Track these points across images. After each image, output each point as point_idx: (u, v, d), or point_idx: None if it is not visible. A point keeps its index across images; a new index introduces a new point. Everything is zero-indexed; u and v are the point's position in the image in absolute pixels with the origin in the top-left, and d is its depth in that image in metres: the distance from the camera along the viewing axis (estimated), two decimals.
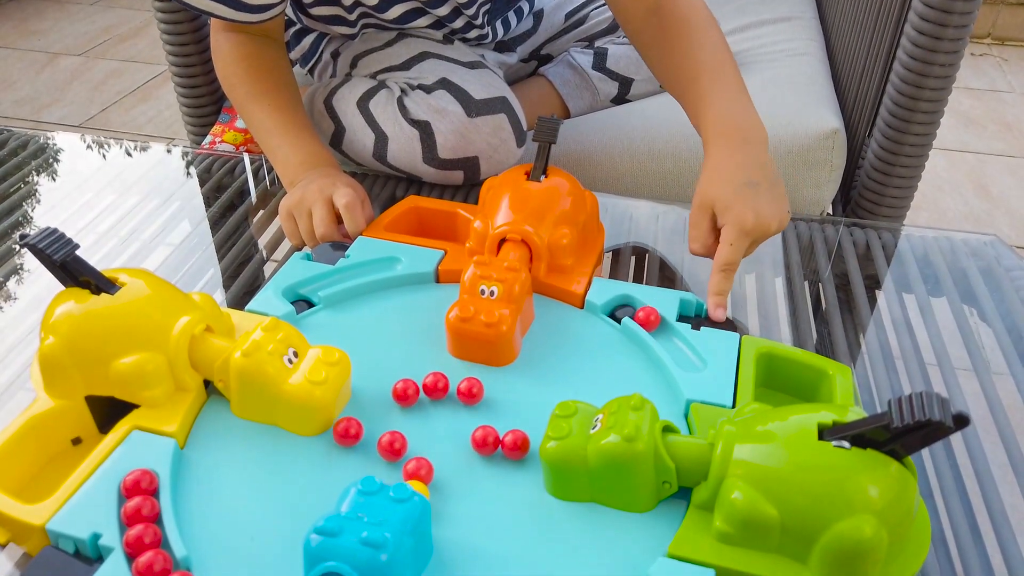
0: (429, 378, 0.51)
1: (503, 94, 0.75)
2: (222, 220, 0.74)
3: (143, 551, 0.40)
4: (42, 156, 0.84)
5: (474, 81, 0.75)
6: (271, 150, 0.73)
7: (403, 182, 0.79)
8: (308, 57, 0.89)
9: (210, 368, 0.49)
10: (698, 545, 0.41)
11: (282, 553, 0.42)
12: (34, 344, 0.59)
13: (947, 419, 0.37)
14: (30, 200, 0.77)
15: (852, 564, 0.39)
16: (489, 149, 0.74)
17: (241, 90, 0.75)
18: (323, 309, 0.59)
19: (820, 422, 0.41)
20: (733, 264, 0.58)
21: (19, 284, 0.66)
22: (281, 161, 0.72)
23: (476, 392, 0.51)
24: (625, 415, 0.44)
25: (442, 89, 0.74)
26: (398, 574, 0.38)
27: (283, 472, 0.46)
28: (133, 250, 0.69)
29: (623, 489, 0.44)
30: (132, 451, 0.45)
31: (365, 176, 0.81)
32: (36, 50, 2.38)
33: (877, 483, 0.39)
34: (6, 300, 0.64)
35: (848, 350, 0.60)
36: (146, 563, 0.39)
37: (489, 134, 0.74)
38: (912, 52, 0.75)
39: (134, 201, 0.76)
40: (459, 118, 0.73)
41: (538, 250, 0.59)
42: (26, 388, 0.55)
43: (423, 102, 0.74)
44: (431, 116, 0.74)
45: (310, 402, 0.47)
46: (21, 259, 0.69)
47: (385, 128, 0.76)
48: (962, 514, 0.48)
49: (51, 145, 0.86)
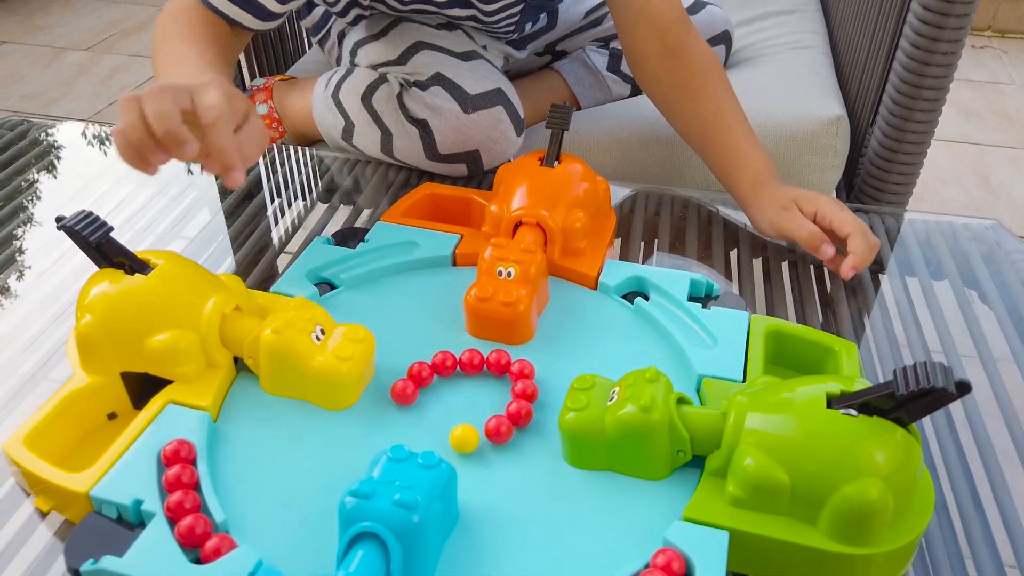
0: (465, 354, 0.53)
1: (498, 85, 0.76)
2: (239, 209, 0.76)
3: (184, 515, 0.42)
4: (63, 146, 0.86)
5: (468, 75, 0.76)
6: (163, 61, 0.64)
7: (415, 171, 0.81)
8: (318, 28, 0.90)
9: (240, 345, 0.51)
10: (712, 509, 0.43)
11: (315, 517, 0.44)
12: (68, 323, 0.61)
13: (950, 386, 0.39)
14: (54, 188, 0.79)
15: (859, 525, 0.41)
16: (489, 141, 0.76)
17: (175, 34, 0.67)
18: (345, 291, 0.60)
19: (828, 392, 0.43)
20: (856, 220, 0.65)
21: (53, 266, 0.68)
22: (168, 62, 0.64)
23: (505, 364, 0.53)
24: (641, 387, 0.46)
25: (437, 86, 0.75)
26: (428, 535, 0.40)
27: (312, 444, 0.48)
28: (151, 240, 0.71)
29: (639, 458, 0.46)
30: (168, 423, 0.47)
31: (379, 165, 0.82)
32: (42, 45, 2.40)
33: (883, 448, 0.41)
34: (40, 281, 0.66)
35: (853, 331, 0.62)
36: (187, 526, 0.41)
37: (487, 127, 0.75)
38: (915, 41, 0.77)
39: (152, 191, 0.78)
40: (455, 115, 0.74)
41: (552, 233, 0.61)
42: (61, 366, 0.57)
43: (420, 100, 0.75)
44: (428, 114, 0.75)
45: (337, 377, 0.49)
46: (52, 242, 0.71)
47: (389, 125, 0.78)
48: (964, 483, 0.50)
49: (71, 136, 0.88)
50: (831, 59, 1.01)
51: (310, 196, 0.78)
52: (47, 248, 0.70)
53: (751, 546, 0.42)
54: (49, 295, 0.64)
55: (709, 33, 0.94)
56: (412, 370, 0.52)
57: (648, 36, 0.74)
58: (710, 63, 0.74)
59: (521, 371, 0.52)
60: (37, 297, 0.64)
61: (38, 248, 0.70)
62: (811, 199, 0.67)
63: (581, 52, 0.92)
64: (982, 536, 0.47)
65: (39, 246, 0.70)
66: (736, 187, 0.71)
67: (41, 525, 0.46)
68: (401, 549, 0.39)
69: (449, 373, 0.53)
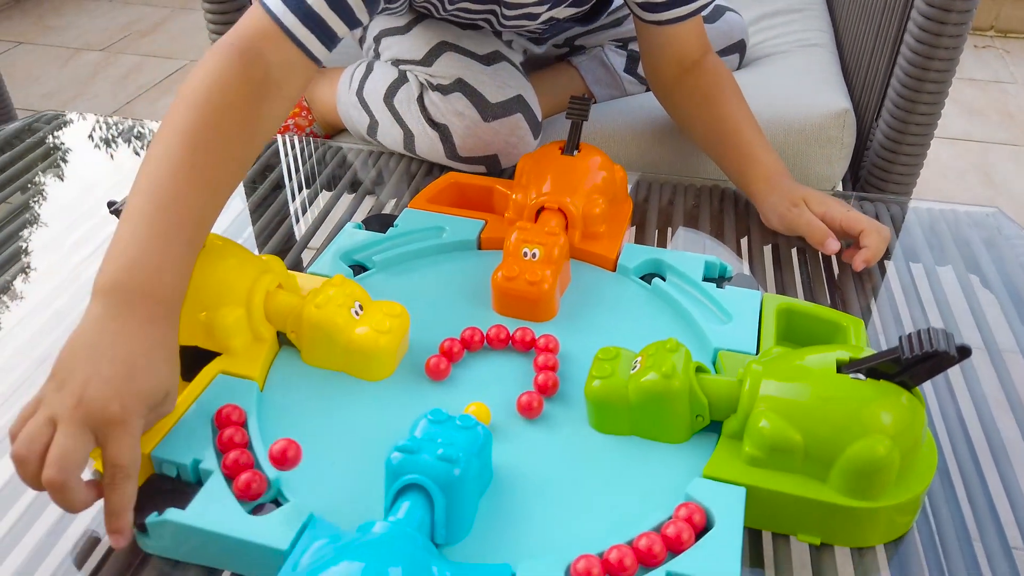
0: (492, 330, 0.57)
1: (518, 92, 0.78)
2: (267, 200, 0.79)
3: (241, 472, 0.45)
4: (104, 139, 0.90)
5: (489, 82, 0.78)
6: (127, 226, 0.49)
7: (437, 164, 0.84)
8: None
9: (283, 320, 0.54)
10: (730, 467, 0.46)
11: (359, 476, 0.47)
12: None
13: (951, 350, 0.42)
14: (96, 177, 0.82)
15: (867, 479, 0.44)
16: (507, 147, 0.78)
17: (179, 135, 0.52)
18: (376, 272, 0.64)
19: (838, 358, 0.46)
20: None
21: (99, 249, 0.71)
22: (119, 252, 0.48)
23: (530, 340, 0.56)
24: (662, 356, 0.49)
25: (458, 92, 0.77)
26: (467, 489, 0.43)
27: (352, 410, 0.52)
28: None
29: (661, 422, 0.49)
30: (220, 391, 0.51)
31: (402, 158, 0.85)
32: (57, 45, 2.44)
33: (890, 409, 0.44)
34: (89, 263, 0.69)
35: (860, 313, 0.65)
36: (245, 482, 0.44)
37: (506, 134, 0.78)
38: (919, 36, 0.80)
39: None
40: (475, 122, 0.77)
41: (573, 218, 0.64)
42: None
43: (441, 104, 0.78)
44: (449, 119, 0.78)
45: (376, 349, 0.52)
46: (96, 227, 0.74)
47: (410, 126, 0.81)
48: (965, 448, 0.53)
49: (107, 129, 0.91)
50: (837, 56, 1.04)
51: (336, 187, 0.81)
52: (94, 231, 0.74)
53: (766, 502, 0.45)
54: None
55: (726, 42, 0.97)
56: (443, 346, 0.55)
57: (670, 62, 0.79)
58: (724, 76, 0.78)
59: (546, 345, 0.55)
60: (87, 275, 0.68)
61: (87, 237, 0.74)
62: (821, 200, 0.70)
63: (600, 51, 0.94)
64: (983, 498, 0.50)
65: (87, 229, 0.74)
66: (749, 185, 0.75)
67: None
68: (444, 499, 0.42)
69: (477, 348, 0.57)
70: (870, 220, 0.69)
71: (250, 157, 0.57)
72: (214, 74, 0.55)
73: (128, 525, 0.42)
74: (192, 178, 0.51)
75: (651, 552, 0.42)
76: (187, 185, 0.51)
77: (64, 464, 0.41)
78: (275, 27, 0.58)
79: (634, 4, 0.76)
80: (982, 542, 0.47)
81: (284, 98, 0.59)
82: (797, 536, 0.46)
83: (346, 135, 0.95)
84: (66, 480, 0.41)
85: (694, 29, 0.78)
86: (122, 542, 0.42)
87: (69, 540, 0.46)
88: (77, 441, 0.41)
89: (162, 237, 0.49)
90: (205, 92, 0.54)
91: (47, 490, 0.41)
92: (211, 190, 0.52)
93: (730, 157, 0.76)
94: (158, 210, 0.49)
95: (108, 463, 0.42)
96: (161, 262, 0.48)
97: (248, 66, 0.56)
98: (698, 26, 0.79)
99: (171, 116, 0.54)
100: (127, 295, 0.47)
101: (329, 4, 0.59)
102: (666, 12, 0.75)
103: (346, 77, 0.89)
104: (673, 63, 0.79)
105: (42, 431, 0.42)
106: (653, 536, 0.42)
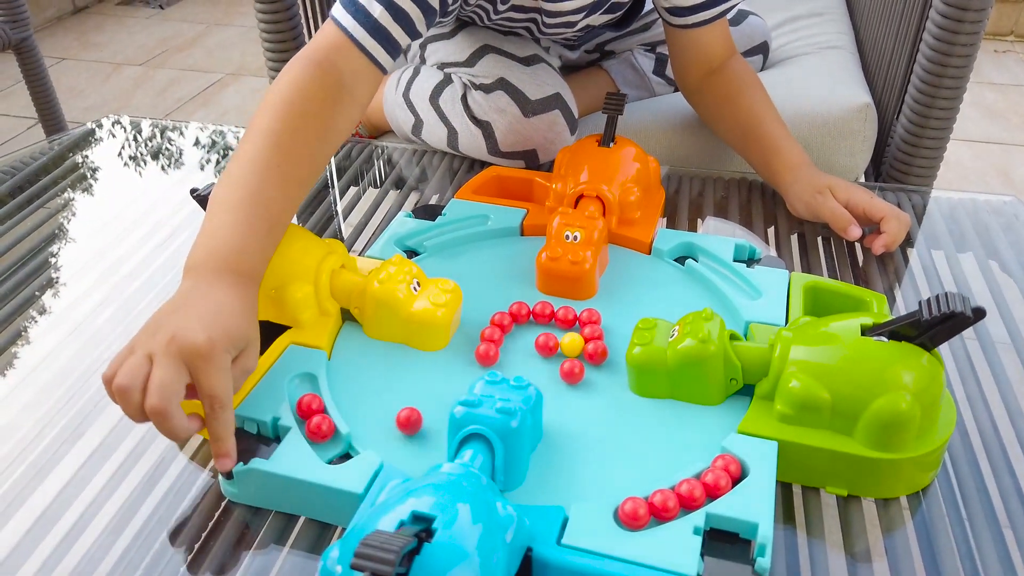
0: (538, 306, 0.61)
1: (557, 90, 0.83)
2: (319, 196, 0.84)
3: (319, 428, 0.50)
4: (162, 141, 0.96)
5: (529, 81, 0.83)
6: (216, 214, 0.55)
7: (478, 161, 0.89)
8: None
9: (347, 297, 0.59)
10: (763, 424, 0.50)
11: (423, 431, 0.52)
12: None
13: (967, 311, 0.46)
14: (165, 173, 0.88)
15: (890, 432, 0.48)
16: (546, 142, 0.83)
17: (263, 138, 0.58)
18: (428, 257, 0.68)
19: (862, 324, 0.50)
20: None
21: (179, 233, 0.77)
22: (208, 236, 0.55)
23: (572, 318, 0.60)
24: (699, 324, 0.53)
25: (500, 90, 0.82)
26: (522, 442, 0.47)
27: (413, 376, 0.56)
28: None
29: (697, 385, 0.53)
30: (293, 359, 0.55)
31: (444, 155, 0.90)
32: (99, 61, 2.53)
33: (911, 369, 0.48)
34: (171, 246, 0.75)
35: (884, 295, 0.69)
36: (317, 424, 0.49)
37: (545, 130, 0.82)
38: (937, 34, 0.84)
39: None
40: (516, 118, 0.82)
41: (611, 205, 0.68)
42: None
43: (484, 102, 0.83)
44: (491, 116, 0.82)
45: (434, 320, 0.57)
46: (164, 216, 0.80)
47: (454, 124, 0.86)
48: (983, 409, 0.56)
49: (164, 132, 0.97)
50: (858, 58, 1.08)
51: (384, 183, 0.86)
52: (165, 220, 0.79)
53: (796, 456, 0.49)
54: (175, 255, 0.73)
55: (749, 44, 1.01)
56: (495, 318, 0.60)
57: (698, 64, 0.84)
58: (748, 76, 0.83)
59: (589, 318, 0.60)
60: (163, 258, 0.73)
61: (161, 218, 0.79)
62: (844, 188, 0.74)
63: (629, 55, 0.99)
64: (1000, 456, 0.53)
65: (161, 217, 0.79)
66: (775, 176, 0.79)
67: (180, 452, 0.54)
68: (503, 448, 0.46)
69: (524, 321, 0.61)
70: (891, 207, 0.72)
71: (326, 157, 0.63)
72: (295, 82, 0.61)
73: (232, 449, 0.47)
74: (274, 175, 0.57)
75: (692, 496, 0.46)
76: (269, 181, 0.57)
77: (164, 392, 0.44)
78: (346, 40, 0.65)
79: (662, 9, 0.81)
80: (1000, 496, 0.51)
81: (356, 103, 0.65)
82: (826, 488, 0.50)
83: (390, 136, 1.00)
84: (167, 407, 0.44)
85: (720, 32, 0.83)
86: (228, 464, 0.47)
87: (158, 494, 0.51)
88: (173, 372, 0.45)
89: (246, 224, 0.54)
90: (287, 98, 0.60)
91: (151, 419, 0.45)
92: (291, 185, 0.58)
93: (755, 150, 0.81)
94: (243, 202, 0.55)
95: (205, 395, 0.46)
96: (244, 245, 0.54)
97: (324, 75, 0.63)
98: (723, 29, 0.83)
99: (257, 119, 0.60)
100: (214, 269, 0.52)
101: (393, 18, 0.66)
102: (692, 16, 0.80)
103: (392, 81, 0.94)
104: (701, 64, 0.84)
105: (141, 364, 0.46)
106: (693, 482, 0.46)
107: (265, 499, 0.49)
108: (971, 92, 2.17)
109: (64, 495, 0.51)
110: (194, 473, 0.52)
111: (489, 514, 0.40)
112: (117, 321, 0.66)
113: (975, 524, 0.49)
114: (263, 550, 0.47)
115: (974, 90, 2.20)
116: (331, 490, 0.47)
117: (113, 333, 0.64)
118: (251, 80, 2.38)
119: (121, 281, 0.71)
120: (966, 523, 0.49)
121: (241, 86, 2.36)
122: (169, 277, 0.71)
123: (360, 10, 0.65)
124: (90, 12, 2.89)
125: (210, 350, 0.46)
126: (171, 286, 0.70)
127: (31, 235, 0.78)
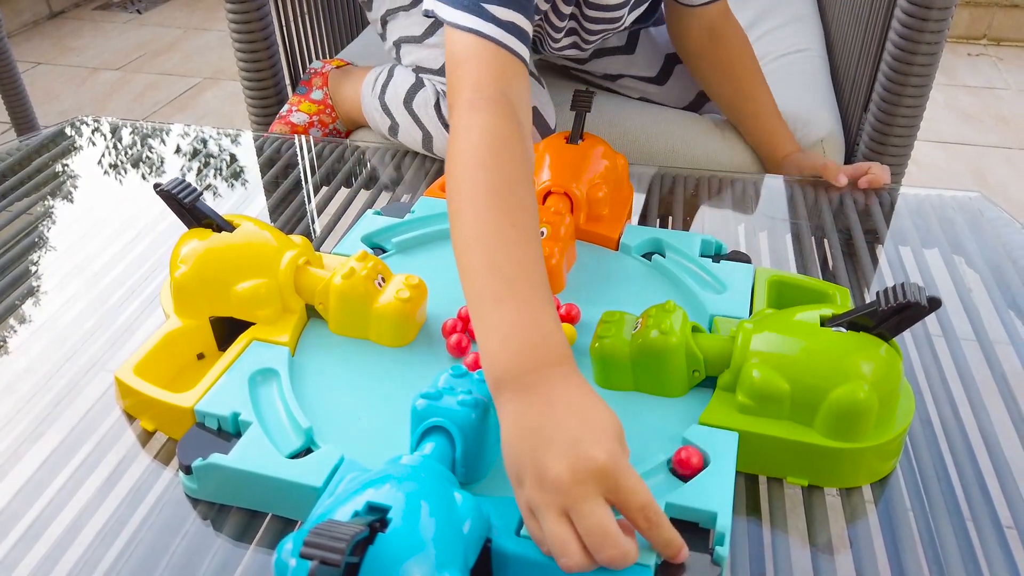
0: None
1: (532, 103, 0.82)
2: (290, 195, 0.84)
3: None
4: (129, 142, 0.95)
5: None
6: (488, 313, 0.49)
7: None
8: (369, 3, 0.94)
9: (311, 293, 0.59)
10: (724, 415, 0.50)
11: (384, 426, 0.52)
12: (158, 277, 0.69)
13: (923, 300, 0.46)
14: (133, 173, 0.88)
15: (849, 422, 0.48)
16: None
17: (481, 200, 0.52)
18: (395, 254, 0.68)
19: (821, 315, 0.51)
20: None
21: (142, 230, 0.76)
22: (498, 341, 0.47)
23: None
24: (661, 316, 0.53)
25: None
26: (484, 435, 0.47)
27: (376, 371, 0.56)
28: None
29: (660, 377, 0.53)
30: (255, 355, 0.55)
31: (416, 155, 0.90)
32: (75, 65, 2.51)
33: (869, 359, 0.49)
34: (133, 244, 0.74)
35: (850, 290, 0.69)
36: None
37: None
38: (902, 32, 0.85)
39: (208, 182, 0.87)
40: None
41: (578, 201, 0.68)
42: (155, 315, 0.65)
43: None
44: None
45: (399, 315, 0.57)
46: (133, 214, 0.79)
47: (428, 128, 0.86)
48: (945, 399, 0.57)
49: (133, 132, 0.97)
50: (827, 61, 1.09)
51: (356, 182, 0.86)
52: (132, 219, 0.78)
53: (757, 446, 0.49)
54: (142, 254, 0.72)
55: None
56: (461, 312, 0.60)
57: (694, 27, 0.90)
58: (743, 43, 0.90)
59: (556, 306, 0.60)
60: (131, 257, 0.72)
61: (128, 217, 0.79)
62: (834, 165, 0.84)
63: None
64: (961, 443, 0.54)
65: (128, 216, 0.79)
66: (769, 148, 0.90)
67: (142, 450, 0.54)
68: (464, 441, 0.46)
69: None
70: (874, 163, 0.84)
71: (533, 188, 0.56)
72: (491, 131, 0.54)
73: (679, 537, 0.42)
74: (518, 238, 0.50)
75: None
76: (517, 246, 0.50)
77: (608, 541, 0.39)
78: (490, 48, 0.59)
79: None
80: (961, 485, 0.51)
81: (527, 117, 0.59)
82: (787, 479, 0.50)
83: (366, 131, 1.00)
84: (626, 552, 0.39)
85: (719, 4, 0.88)
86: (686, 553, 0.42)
87: (119, 492, 0.50)
88: (602, 511, 0.39)
89: (526, 308, 0.47)
90: (493, 151, 0.54)
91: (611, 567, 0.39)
92: (533, 239, 0.51)
93: (751, 132, 0.92)
94: (509, 284, 0.48)
95: (634, 509, 0.40)
96: (539, 332, 0.47)
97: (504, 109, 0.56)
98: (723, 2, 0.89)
99: (466, 184, 0.52)
100: (533, 375, 0.45)
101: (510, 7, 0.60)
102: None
103: (369, 80, 0.94)
104: (697, 28, 0.90)
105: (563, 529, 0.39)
106: None
107: (226, 495, 0.49)
108: (945, 95, 2.20)
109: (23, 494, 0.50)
110: (155, 472, 0.52)
111: (446, 505, 0.40)
112: (83, 320, 0.65)
113: (936, 512, 0.49)
114: (226, 547, 0.47)
115: (948, 93, 2.22)
116: (291, 484, 0.46)
117: (78, 332, 0.64)
118: (229, 84, 2.37)
119: (89, 279, 0.70)
120: (928, 511, 0.49)
121: (219, 90, 2.35)
122: (136, 276, 0.70)
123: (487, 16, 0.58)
124: (67, 17, 2.87)
125: (614, 464, 0.40)
126: (139, 284, 0.69)
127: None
